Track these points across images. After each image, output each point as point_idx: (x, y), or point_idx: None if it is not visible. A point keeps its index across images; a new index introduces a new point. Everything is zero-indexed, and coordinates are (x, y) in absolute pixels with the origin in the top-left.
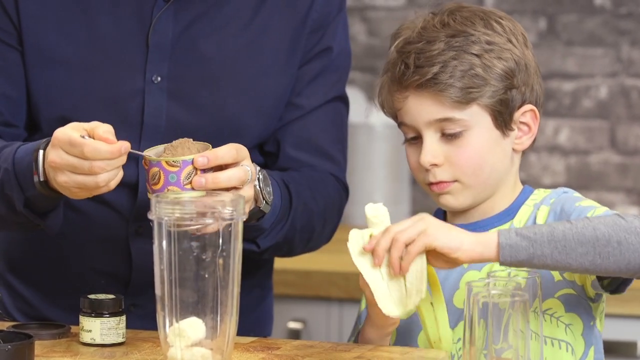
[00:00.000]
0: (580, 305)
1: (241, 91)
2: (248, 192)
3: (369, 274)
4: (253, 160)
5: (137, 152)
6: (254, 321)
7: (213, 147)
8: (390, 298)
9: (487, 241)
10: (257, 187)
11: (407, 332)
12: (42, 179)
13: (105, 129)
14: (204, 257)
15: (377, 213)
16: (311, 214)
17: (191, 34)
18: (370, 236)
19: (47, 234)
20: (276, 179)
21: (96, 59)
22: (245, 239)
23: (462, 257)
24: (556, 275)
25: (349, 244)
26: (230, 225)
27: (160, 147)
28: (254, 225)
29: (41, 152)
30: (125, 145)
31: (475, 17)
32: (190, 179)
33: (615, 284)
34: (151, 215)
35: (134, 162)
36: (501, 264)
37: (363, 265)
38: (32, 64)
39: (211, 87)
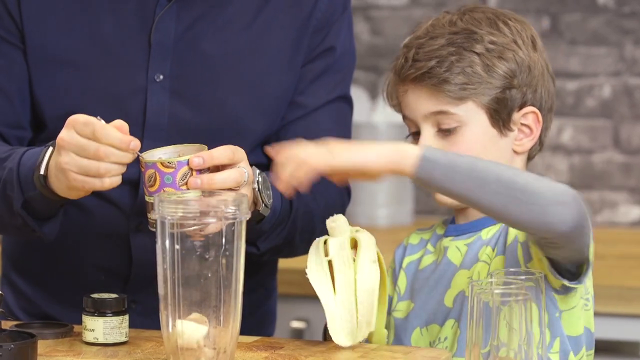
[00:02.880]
0: (541, 296)
1: (243, 90)
2: (245, 194)
3: (324, 297)
4: (256, 161)
5: (142, 156)
6: (258, 320)
7: (216, 146)
8: (342, 328)
9: (404, 154)
10: (256, 189)
11: (402, 329)
12: (42, 173)
13: (121, 123)
14: (207, 256)
15: (336, 223)
16: (312, 216)
17: (194, 32)
18: (325, 242)
19: (42, 241)
20: None
21: (98, 58)
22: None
23: (374, 167)
24: (522, 265)
25: (309, 255)
26: (233, 224)
27: (159, 150)
28: (253, 228)
29: (51, 149)
30: (135, 142)
31: (483, 18)
32: (186, 180)
33: (572, 266)
34: (154, 215)
35: (136, 159)
36: (413, 175)
37: (320, 287)
38: (35, 63)
39: (213, 85)
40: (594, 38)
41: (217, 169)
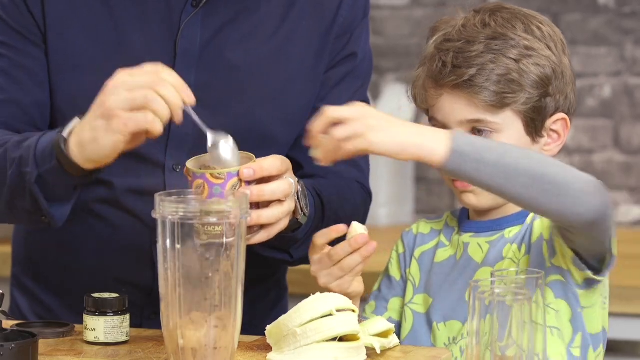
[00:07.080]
0: (569, 291)
1: (268, 99)
2: (291, 205)
3: (310, 302)
4: None
5: (189, 166)
6: (271, 322)
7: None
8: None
9: (435, 146)
10: (296, 199)
11: (420, 323)
12: (64, 135)
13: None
14: (207, 256)
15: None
16: (339, 222)
17: (219, 41)
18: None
19: (51, 226)
20: (309, 189)
21: (123, 65)
22: (278, 249)
23: (403, 159)
24: (547, 261)
25: None
26: (234, 223)
27: (205, 156)
28: (288, 236)
29: (77, 118)
30: (191, 99)
31: (516, 20)
32: (235, 190)
33: (594, 260)
34: (155, 214)
35: (160, 171)
36: (441, 168)
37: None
38: (57, 67)
39: (238, 94)
40: (595, 38)
41: (263, 179)
